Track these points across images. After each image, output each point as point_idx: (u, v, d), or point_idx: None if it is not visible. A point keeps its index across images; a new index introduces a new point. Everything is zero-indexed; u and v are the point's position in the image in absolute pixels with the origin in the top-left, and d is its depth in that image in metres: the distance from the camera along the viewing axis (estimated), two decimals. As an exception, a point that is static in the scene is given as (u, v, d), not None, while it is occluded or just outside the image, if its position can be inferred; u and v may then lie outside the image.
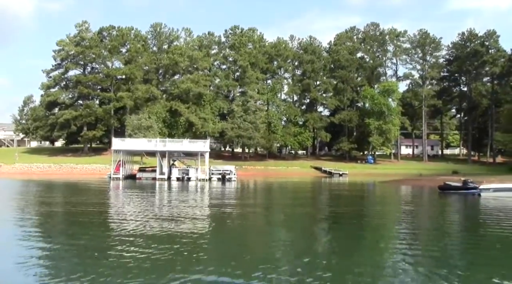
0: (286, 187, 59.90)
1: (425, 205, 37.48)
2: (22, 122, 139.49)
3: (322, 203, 37.43)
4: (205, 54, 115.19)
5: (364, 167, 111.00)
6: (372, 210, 31.98)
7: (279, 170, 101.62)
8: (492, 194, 38.88)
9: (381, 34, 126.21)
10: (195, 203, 33.03)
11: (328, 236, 20.07)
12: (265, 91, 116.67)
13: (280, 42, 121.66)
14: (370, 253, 16.15)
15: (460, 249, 17.45)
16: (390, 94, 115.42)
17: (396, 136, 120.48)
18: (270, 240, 17.97)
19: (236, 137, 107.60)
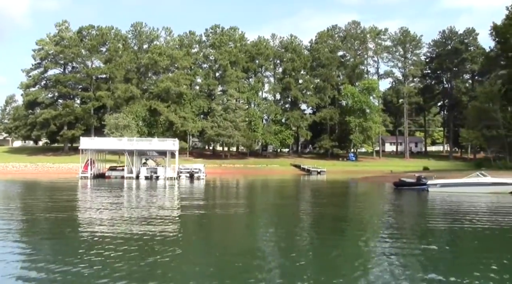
0: (254, 185, 60.07)
1: (362, 201, 37.72)
2: (4, 121, 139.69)
3: (268, 199, 37.71)
4: (186, 53, 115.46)
5: (344, 164, 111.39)
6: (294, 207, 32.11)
7: (259, 168, 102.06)
8: (439, 189, 39.31)
9: (362, 32, 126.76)
10: (150, 203, 33.10)
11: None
12: (245, 90, 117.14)
13: (261, 41, 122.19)
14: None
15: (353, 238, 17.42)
16: (370, 92, 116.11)
17: (377, 133, 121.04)
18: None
19: (215, 135, 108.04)
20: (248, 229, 20.38)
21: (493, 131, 65.28)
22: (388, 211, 27.61)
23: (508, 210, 27.89)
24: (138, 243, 15.03)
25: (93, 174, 66.15)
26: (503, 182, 38.35)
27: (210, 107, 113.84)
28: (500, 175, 45.02)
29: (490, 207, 29.88)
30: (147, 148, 70.05)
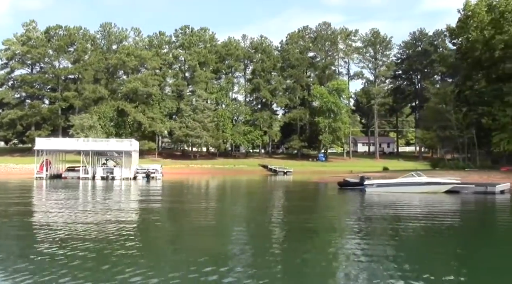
0: (210, 185, 60.11)
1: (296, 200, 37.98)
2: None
3: (208, 200, 37.71)
4: (155, 53, 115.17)
5: (313, 165, 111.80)
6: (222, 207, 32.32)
7: (226, 168, 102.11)
8: (375, 189, 39.72)
9: (332, 33, 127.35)
10: (96, 202, 32.99)
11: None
12: (215, 91, 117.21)
13: (231, 41, 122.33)
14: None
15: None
16: (340, 92, 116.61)
17: (347, 134, 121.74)
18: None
19: (184, 136, 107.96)
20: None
21: (446, 132, 66.14)
22: (302, 210, 27.99)
23: (431, 208, 28.45)
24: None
25: (49, 175, 65.76)
26: (437, 182, 38.95)
27: (179, 107, 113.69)
28: (442, 175, 45.69)
29: (411, 205, 30.50)
30: (103, 148, 69.79)
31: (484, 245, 16.57)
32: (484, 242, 17.23)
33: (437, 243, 16.58)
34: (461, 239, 18.05)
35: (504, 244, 17.08)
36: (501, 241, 17.93)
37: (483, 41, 61.49)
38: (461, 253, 15.13)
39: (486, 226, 22.82)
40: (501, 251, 15.30)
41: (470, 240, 17.80)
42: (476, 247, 16.15)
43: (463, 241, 17.64)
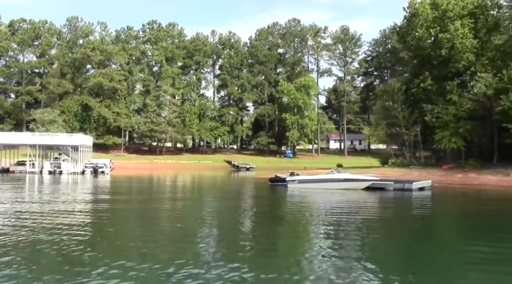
0: (159, 181, 60.11)
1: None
2: None
3: (140, 195, 37.66)
4: (121, 48, 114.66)
5: (279, 161, 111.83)
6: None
7: (191, 164, 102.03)
8: (296, 185, 39.97)
9: (301, 30, 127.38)
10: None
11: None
12: (181, 86, 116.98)
13: (199, 37, 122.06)
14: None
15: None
16: (307, 89, 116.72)
17: (314, 130, 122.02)
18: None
19: (148, 131, 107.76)
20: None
21: (393, 129, 66.64)
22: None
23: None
24: None
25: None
26: (356, 179, 39.24)
27: (145, 103, 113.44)
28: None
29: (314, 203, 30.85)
30: (51, 143, 69.46)
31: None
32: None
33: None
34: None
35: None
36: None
37: (429, 39, 61.94)
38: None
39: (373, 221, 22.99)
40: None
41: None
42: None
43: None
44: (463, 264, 13.49)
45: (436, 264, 12.83)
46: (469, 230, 20.77)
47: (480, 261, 13.48)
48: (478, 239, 17.35)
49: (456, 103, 57.90)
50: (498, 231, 19.69)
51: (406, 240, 17.78)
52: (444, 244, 16.87)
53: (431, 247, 15.73)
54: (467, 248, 15.65)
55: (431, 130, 61.16)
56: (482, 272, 12.26)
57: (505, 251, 15.04)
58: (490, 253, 14.60)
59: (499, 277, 11.89)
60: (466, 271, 12.60)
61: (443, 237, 18.81)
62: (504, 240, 17.34)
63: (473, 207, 30.96)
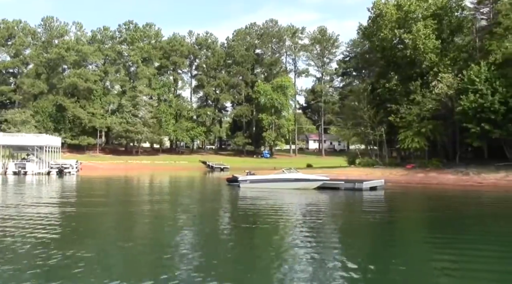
0: (122, 183, 59.95)
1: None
2: None
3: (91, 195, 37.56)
4: (97, 48, 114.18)
5: (256, 161, 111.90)
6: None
7: (166, 164, 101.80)
8: (248, 185, 40.13)
9: (279, 31, 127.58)
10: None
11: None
12: (157, 86, 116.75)
13: (175, 37, 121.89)
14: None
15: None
16: (284, 89, 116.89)
17: (291, 131, 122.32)
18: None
19: (124, 131, 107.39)
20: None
21: (358, 129, 66.99)
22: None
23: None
24: None
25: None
26: (307, 179, 39.42)
27: (121, 103, 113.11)
28: (322, 172, 46.30)
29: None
30: (14, 143, 68.99)
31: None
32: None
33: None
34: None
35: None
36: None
37: (393, 40, 62.21)
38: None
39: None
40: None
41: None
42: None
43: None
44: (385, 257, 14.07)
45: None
46: (395, 227, 21.31)
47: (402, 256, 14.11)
48: (406, 237, 18.16)
49: (420, 103, 58.24)
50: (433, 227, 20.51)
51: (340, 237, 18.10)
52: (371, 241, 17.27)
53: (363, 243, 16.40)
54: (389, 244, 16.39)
55: (396, 130, 61.51)
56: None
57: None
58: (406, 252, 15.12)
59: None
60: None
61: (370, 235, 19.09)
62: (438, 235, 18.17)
63: (416, 205, 31.46)
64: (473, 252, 14.93)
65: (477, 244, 16.42)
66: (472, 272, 12.47)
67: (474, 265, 13.27)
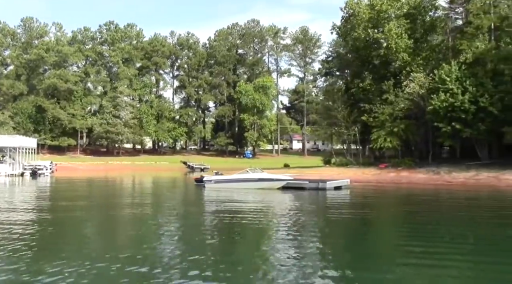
0: (98, 183, 59.53)
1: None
2: None
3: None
4: (77, 49, 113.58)
5: (237, 161, 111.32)
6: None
7: (146, 165, 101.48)
8: (213, 185, 40.09)
9: (261, 31, 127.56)
10: None
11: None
12: (138, 87, 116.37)
13: (157, 38, 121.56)
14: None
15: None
16: (266, 90, 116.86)
17: (273, 131, 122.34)
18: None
19: (104, 132, 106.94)
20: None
21: (333, 129, 67.15)
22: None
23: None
24: None
25: None
26: (270, 178, 39.38)
27: (102, 104, 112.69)
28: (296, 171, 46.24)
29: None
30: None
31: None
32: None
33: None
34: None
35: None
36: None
37: (367, 39, 62.30)
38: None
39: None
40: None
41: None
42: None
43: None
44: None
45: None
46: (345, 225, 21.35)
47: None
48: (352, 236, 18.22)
49: (393, 103, 58.42)
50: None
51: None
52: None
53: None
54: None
55: (370, 129, 61.66)
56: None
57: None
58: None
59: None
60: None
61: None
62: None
63: (377, 203, 31.58)
64: (412, 243, 15.90)
65: (413, 237, 17.16)
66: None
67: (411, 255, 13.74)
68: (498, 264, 13.11)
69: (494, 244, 16.18)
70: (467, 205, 30.62)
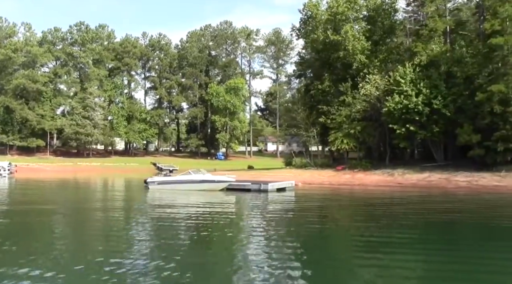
0: (55, 185, 59.09)
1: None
2: None
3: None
4: (47, 50, 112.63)
5: (208, 163, 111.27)
6: None
7: (116, 166, 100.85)
8: (157, 186, 39.95)
9: (233, 32, 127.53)
10: None
11: None
12: (109, 88, 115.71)
13: (128, 39, 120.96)
14: None
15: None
16: (237, 91, 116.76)
17: (245, 132, 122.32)
18: None
19: (73, 134, 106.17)
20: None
21: (292, 130, 67.31)
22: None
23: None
24: None
25: None
26: (212, 180, 39.32)
27: (71, 105, 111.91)
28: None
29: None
30: None
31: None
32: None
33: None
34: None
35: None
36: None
37: (326, 41, 62.33)
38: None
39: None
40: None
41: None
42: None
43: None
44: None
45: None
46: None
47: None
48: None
49: (351, 104, 58.59)
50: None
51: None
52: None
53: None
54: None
55: (329, 131, 61.78)
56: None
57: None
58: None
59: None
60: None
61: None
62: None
63: (308, 206, 31.65)
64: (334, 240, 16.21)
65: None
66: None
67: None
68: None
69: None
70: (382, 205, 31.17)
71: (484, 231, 20.39)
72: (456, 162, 54.00)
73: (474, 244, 17.05)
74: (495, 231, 20.19)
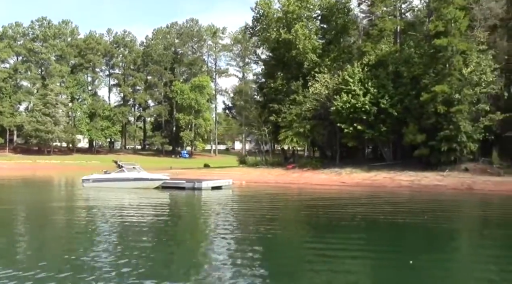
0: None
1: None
2: None
3: None
4: (7, 45, 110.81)
5: (173, 161, 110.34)
6: None
7: (76, 164, 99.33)
8: (92, 184, 39.58)
9: (199, 30, 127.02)
10: None
11: None
12: (71, 85, 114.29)
13: (92, 35, 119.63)
14: None
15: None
16: (201, 89, 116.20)
17: (209, 131, 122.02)
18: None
19: (33, 131, 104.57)
20: None
21: (245, 128, 67.39)
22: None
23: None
24: None
25: None
26: (146, 178, 39.04)
27: (32, 101, 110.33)
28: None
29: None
30: None
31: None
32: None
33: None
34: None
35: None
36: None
37: (278, 40, 62.24)
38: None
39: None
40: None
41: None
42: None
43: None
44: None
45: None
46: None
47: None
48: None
49: (302, 103, 58.59)
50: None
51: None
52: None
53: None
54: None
55: (280, 129, 61.77)
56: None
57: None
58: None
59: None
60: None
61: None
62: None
63: (248, 204, 31.61)
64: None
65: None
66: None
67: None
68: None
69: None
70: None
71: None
72: (405, 161, 54.42)
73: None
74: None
